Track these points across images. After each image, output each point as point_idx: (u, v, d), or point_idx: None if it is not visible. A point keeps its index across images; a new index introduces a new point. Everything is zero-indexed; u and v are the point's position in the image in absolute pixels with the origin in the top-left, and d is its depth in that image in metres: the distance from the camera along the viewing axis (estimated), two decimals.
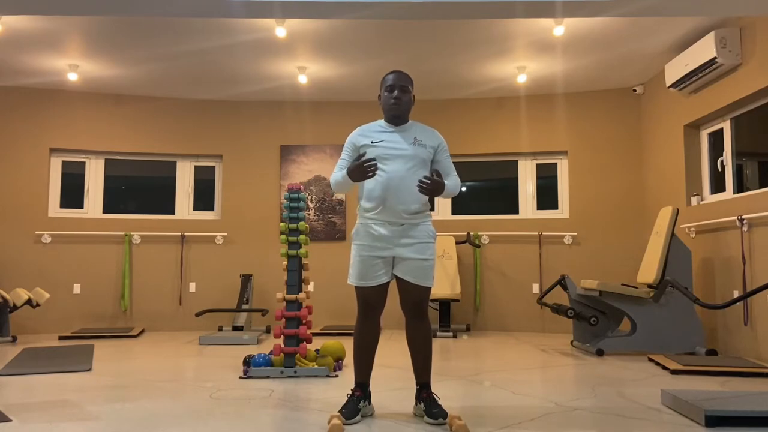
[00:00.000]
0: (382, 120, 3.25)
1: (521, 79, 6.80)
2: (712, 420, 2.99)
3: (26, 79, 6.99)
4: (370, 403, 3.24)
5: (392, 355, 5.48)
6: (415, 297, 3.13)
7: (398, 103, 3.14)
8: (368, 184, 3.14)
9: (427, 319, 3.19)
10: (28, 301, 6.34)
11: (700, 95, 5.87)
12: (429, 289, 3.15)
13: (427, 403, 3.12)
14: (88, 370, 4.66)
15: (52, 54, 6.20)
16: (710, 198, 6.01)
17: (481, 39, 5.80)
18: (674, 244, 5.50)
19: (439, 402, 3.15)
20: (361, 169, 2.97)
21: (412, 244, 3.09)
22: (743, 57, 5.17)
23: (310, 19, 5.27)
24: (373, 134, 3.18)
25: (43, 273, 7.23)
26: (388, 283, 3.15)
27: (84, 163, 7.59)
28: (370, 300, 3.14)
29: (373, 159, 2.99)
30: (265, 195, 7.81)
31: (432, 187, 2.99)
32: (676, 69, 5.84)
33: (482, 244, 7.54)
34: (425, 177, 2.98)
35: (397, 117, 3.18)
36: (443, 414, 3.05)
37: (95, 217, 7.54)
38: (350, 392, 3.19)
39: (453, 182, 3.20)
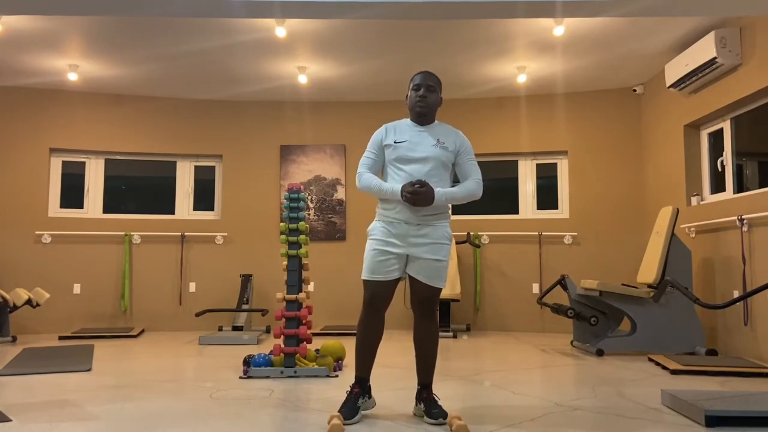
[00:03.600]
0: (408, 119, 3.28)
1: (521, 79, 6.80)
2: (712, 420, 2.99)
3: (26, 79, 6.99)
4: (370, 397, 3.24)
5: (393, 354, 5.48)
6: (424, 296, 3.15)
7: (423, 102, 3.17)
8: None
9: (436, 320, 3.20)
10: (28, 301, 6.34)
11: (700, 95, 5.87)
12: (439, 289, 3.17)
13: (427, 404, 3.12)
14: (88, 370, 4.66)
15: (52, 54, 6.20)
16: (710, 198, 6.01)
17: (481, 39, 5.80)
18: (674, 244, 5.50)
19: (439, 402, 3.15)
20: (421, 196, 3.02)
21: (426, 244, 3.11)
22: (743, 57, 5.17)
23: (310, 19, 5.26)
24: (397, 133, 3.21)
25: (43, 273, 7.23)
26: (397, 281, 3.16)
27: (84, 163, 7.59)
28: (378, 295, 3.13)
29: (420, 187, 3.02)
30: (265, 195, 7.81)
31: (413, 198, 3.01)
32: (676, 69, 5.84)
33: (482, 244, 7.54)
34: (408, 188, 3.01)
35: (422, 116, 3.21)
36: (443, 414, 3.05)
37: (95, 217, 7.54)
38: (349, 389, 3.18)
39: (469, 187, 3.19)
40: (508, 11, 3.81)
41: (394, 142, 3.18)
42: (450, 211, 3.24)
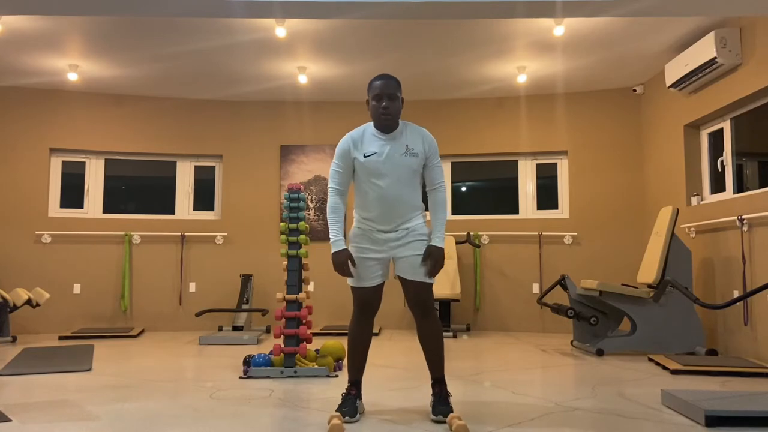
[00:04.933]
0: (372, 125, 3.20)
1: (521, 79, 6.80)
2: (712, 420, 2.99)
3: (26, 79, 6.99)
4: (361, 399, 3.29)
5: (392, 355, 5.48)
6: (415, 293, 3.17)
7: (387, 113, 3.10)
8: (362, 196, 3.16)
9: (434, 316, 3.22)
10: (28, 301, 6.34)
11: (700, 95, 5.87)
12: (429, 285, 3.18)
13: (436, 399, 3.15)
14: (88, 370, 4.66)
15: (52, 54, 6.20)
16: (710, 198, 6.01)
17: (481, 39, 5.80)
18: (674, 244, 5.50)
19: (450, 399, 3.17)
20: (340, 270, 3.12)
21: (406, 243, 3.15)
22: (743, 57, 5.17)
23: (310, 19, 5.26)
24: (364, 145, 3.14)
25: (43, 273, 7.23)
26: (383, 284, 3.22)
27: (84, 163, 7.59)
28: (368, 300, 3.20)
29: (350, 274, 3.13)
30: (265, 195, 7.81)
31: (437, 269, 3.12)
32: (676, 69, 5.84)
33: (482, 244, 7.54)
34: (426, 269, 3.12)
35: (387, 125, 3.14)
36: (444, 411, 3.07)
37: (95, 217, 7.54)
38: (345, 391, 3.21)
39: (442, 206, 3.17)
40: (508, 11, 3.81)
41: (364, 156, 3.11)
42: (423, 210, 3.25)
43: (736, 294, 5.35)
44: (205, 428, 2.99)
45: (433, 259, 3.10)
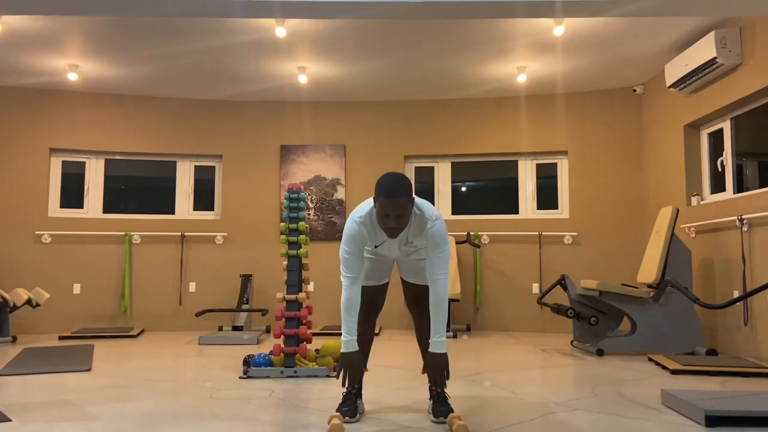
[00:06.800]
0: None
1: (521, 79, 6.80)
2: (712, 420, 2.99)
3: (26, 79, 6.99)
4: (361, 399, 3.29)
5: (393, 354, 5.48)
6: (416, 294, 3.25)
7: (394, 232, 2.88)
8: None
9: None
10: (28, 301, 6.34)
11: (700, 95, 5.87)
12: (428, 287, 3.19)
13: (435, 401, 3.16)
14: (88, 370, 4.66)
15: (52, 54, 6.20)
16: (710, 198, 6.01)
17: (481, 39, 5.80)
18: (674, 244, 5.50)
19: (449, 401, 3.17)
20: (350, 371, 2.94)
21: (412, 251, 3.19)
22: (743, 57, 5.17)
23: (310, 19, 5.26)
24: (376, 237, 3.02)
25: (43, 273, 7.22)
26: (388, 283, 3.27)
27: (84, 163, 7.59)
28: (373, 299, 3.24)
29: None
30: (265, 195, 7.81)
31: (440, 379, 2.94)
32: (676, 69, 5.84)
33: (482, 244, 7.54)
34: (434, 385, 3.04)
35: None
36: (445, 412, 3.07)
37: (95, 217, 7.54)
38: (346, 390, 3.21)
39: (440, 295, 2.91)
40: (508, 11, 3.81)
41: (375, 247, 3.08)
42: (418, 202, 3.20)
43: (736, 294, 5.35)
44: (205, 428, 2.99)
45: (434, 369, 2.89)
